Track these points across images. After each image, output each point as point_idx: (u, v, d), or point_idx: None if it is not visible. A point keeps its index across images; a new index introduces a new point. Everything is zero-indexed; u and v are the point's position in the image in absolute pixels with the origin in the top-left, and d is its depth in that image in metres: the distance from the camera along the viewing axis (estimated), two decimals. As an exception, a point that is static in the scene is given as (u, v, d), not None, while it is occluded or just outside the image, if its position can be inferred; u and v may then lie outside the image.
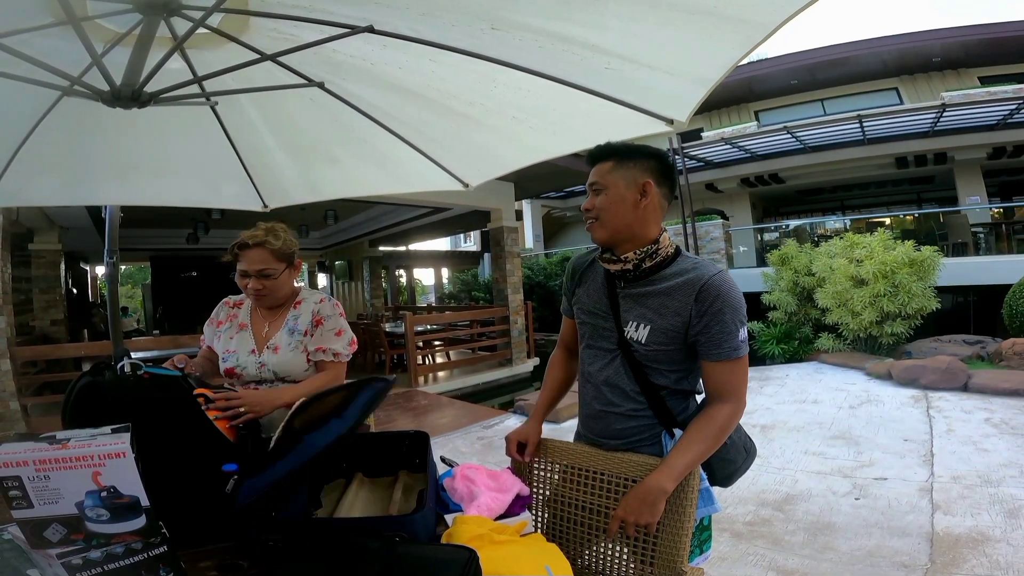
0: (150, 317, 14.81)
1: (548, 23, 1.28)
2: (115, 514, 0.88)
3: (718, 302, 1.26)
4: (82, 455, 0.85)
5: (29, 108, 1.78)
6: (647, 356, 1.34)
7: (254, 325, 1.86)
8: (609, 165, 1.39)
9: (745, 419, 1.41)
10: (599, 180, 1.39)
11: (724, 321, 1.26)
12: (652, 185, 1.36)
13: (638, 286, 1.37)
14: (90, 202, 2.61)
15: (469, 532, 1.06)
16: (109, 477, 0.86)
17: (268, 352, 1.78)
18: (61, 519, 0.87)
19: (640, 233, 1.36)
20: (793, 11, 1.05)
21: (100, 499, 0.87)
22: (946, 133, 11.99)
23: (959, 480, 3.59)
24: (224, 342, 1.84)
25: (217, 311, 1.94)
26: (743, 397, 1.32)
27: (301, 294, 1.91)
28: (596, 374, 1.44)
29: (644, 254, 1.35)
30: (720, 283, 1.27)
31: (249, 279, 1.77)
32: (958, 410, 5.30)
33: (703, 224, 13.49)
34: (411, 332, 7.93)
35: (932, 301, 7.84)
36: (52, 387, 6.32)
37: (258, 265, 1.77)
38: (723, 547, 2.85)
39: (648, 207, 1.36)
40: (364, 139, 2.10)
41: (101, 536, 0.89)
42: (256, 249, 1.77)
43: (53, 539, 0.88)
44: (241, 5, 1.40)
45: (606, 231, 1.38)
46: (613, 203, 1.36)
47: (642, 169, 1.37)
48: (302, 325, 1.82)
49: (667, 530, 1.26)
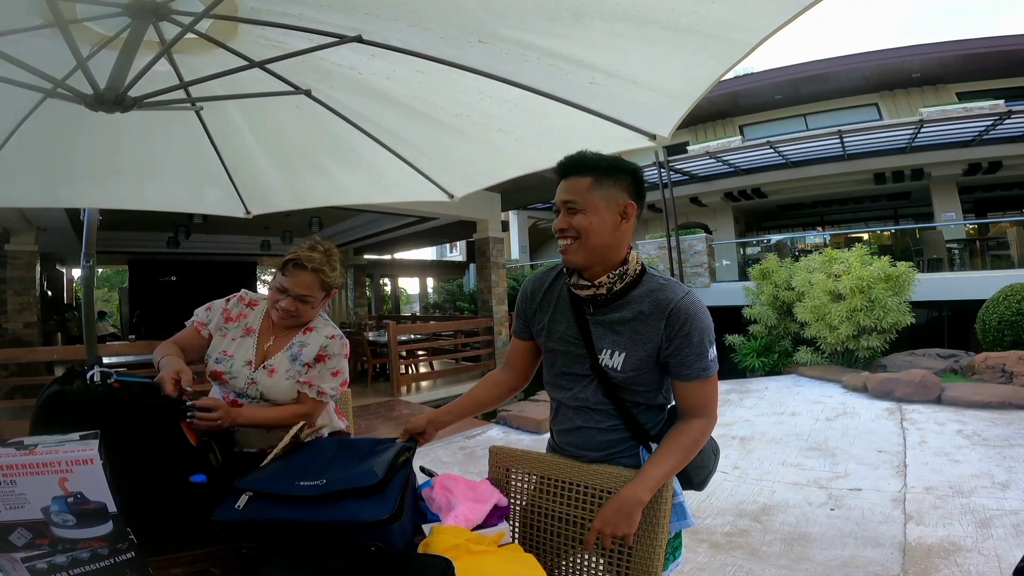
0: (126, 321, 14.52)
1: (535, 38, 1.30)
2: (81, 520, 0.88)
3: (687, 325, 1.26)
4: (49, 461, 0.85)
5: (11, 108, 1.76)
6: (624, 380, 1.33)
7: (260, 333, 1.76)
8: (588, 182, 1.28)
9: (724, 431, 1.44)
10: (577, 199, 1.28)
11: (694, 343, 1.26)
12: (633, 207, 1.30)
13: (608, 311, 1.34)
14: (70, 204, 2.57)
15: (446, 542, 1.06)
16: (76, 483, 0.86)
17: (263, 372, 1.69)
18: (27, 523, 0.87)
19: (613, 256, 1.32)
20: (770, 30, 1.09)
21: (67, 505, 0.87)
22: (923, 149, 12.27)
23: (931, 491, 3.66)
24: (225, 342, 1.73)
25: (234, 305, 1.79)
26: (714, 412, 1.35)
27: (315, 320, 1.80)
28: (574, 400, 1.43)
29: (615, 277, 1.31)
30: (689, 305, 1.27)
31: (285, 297, 1.67)
32: (931, 422, 5.40)
33: (687, 238, 13.64)
34: (394, 342, 7.89)
35: (907, 316, 8.01)
36: (23, 390, 6.16)
37: (302, 290, 1.67)
38: (701, 558, 2.87)
39: (626, 230, 1.31)
40: (350, 147, 2.11)
41: (67, 541, 0.89)
42: (309, 274, 1.66)
43: (18, 543, 0.88)
44: (230, 11, 1.40)
45: (583, 255, 1.30)
46: (594, 226, 1.27)
47: (622, 188, 1.29)
48: (306, 356, 1.73)
49: (641, 541, 1.27)
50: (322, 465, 1.22)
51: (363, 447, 1.34)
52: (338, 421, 1.92)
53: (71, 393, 1.20)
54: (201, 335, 1.73)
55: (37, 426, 1.18)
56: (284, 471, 1.19)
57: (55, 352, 6.69)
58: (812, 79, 14.87)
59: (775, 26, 1.07)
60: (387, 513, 1.04)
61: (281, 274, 1.69)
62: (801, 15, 1.02)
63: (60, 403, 1.20)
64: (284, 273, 1.68)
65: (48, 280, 11.60)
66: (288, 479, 1.14)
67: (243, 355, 1.71)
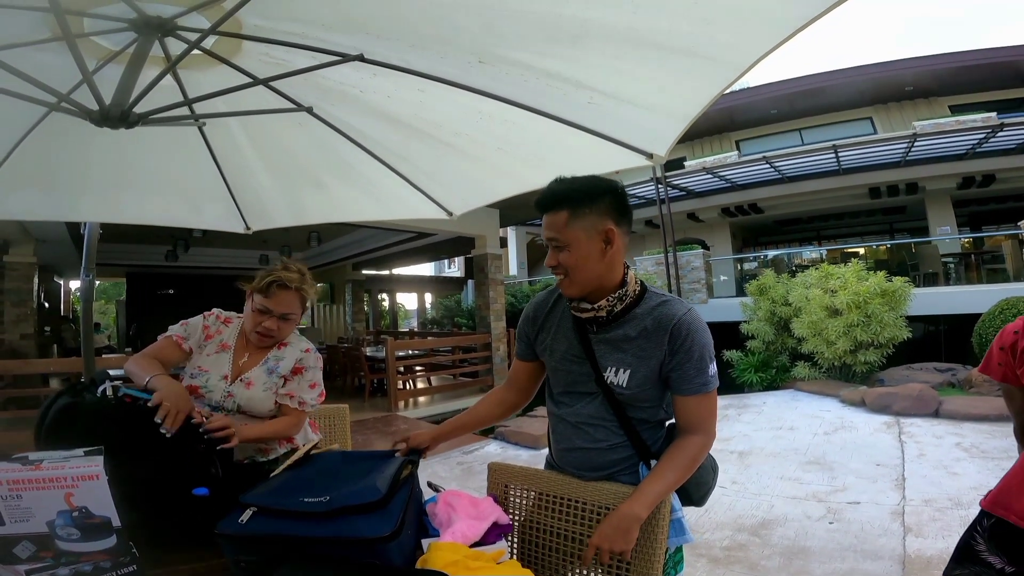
0: (123, 334, 14.47)
1: (534, 58, 1.33)
2: (85, 533, 0.89)
3: (688, 340, 1.27)
4: (55, 476, 0.86)
5: (15, 122, 1.77)
6: (630, 397, 1.34)
7: (236, 349, 1.80)
8: (564, 217, 1.27)
9: (723, 445, 1.46)
10: (559, 236, 1.28)
11: (695, 358, 1.28)
12: (615, 230, 1.29)
13: (611, 330, 1.35)
14: (71, 218, 2.58)
15: (444, 558, 1.06)
16: (81, 498, 0.87)
17: (240, 385, 1.72)
18: (31, 537, 0.88)
19: (609, 280, 1.33)
20: (764, 52, 1.11)
21: (71, 519, 0.88)
22: (917, 163, 12.35)
23: (930, 503, 3.66)
24: (201, 358, 1.76)
25: (212, 323, 1.83)
26: (713, 428, 1.35)
27: (288, 336, 1.85)
28: (576, 415, 1.43)
29: (615, 299, 1.32)
30: (691, 322, 1.29)
31: (268, 317, 1.72)
32: (929, 435, 5.40)
33: (684, 254, 13.68)
34: (392, 357, 7.88)
35: (903, 331, 8.04)
36: (17, 402, 6.13)
37: (285, 309, 1.73)
38: (700, 572, 2.86)
39: (615, 253, 1.31)
40: (350, 164, 2.13)
41: (70, 554, 0.90)
42: (292, 293, 1.73)
43: (22, 556, 0.88)
44: (235, 29, 1.42)
45: (577, 287, 1.32)
46: (579, 260, 1.28)
47: (600, 213, 1.28)
48: (282, 369, 1.77)
49: (640, 557, 1.28)
50: (327, 480, 1.22)
51: (366, 461, 1.35)
52: (312, 435, 1.96)
53: (85, 406, 1.21)
54: (182, 348, 1.74)
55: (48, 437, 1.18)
56: (289, 485, 1.20)
57: (51, 364, 6.67)
58: (807, 93, 15.02)
59: (768, 47, 1.09)
60: (390, 529, 1.04)
61: (263, 296, 1.72)
62: (794, 37, 1.05)
63: (73, 415, 1.20)
64: (267, 295, 1.71)
65: (45, 292, 11.58)
66: (293, 494, 1.14)
67: (218, 370, 1.74)
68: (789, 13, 1.00)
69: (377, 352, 8.85)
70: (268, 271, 1.74)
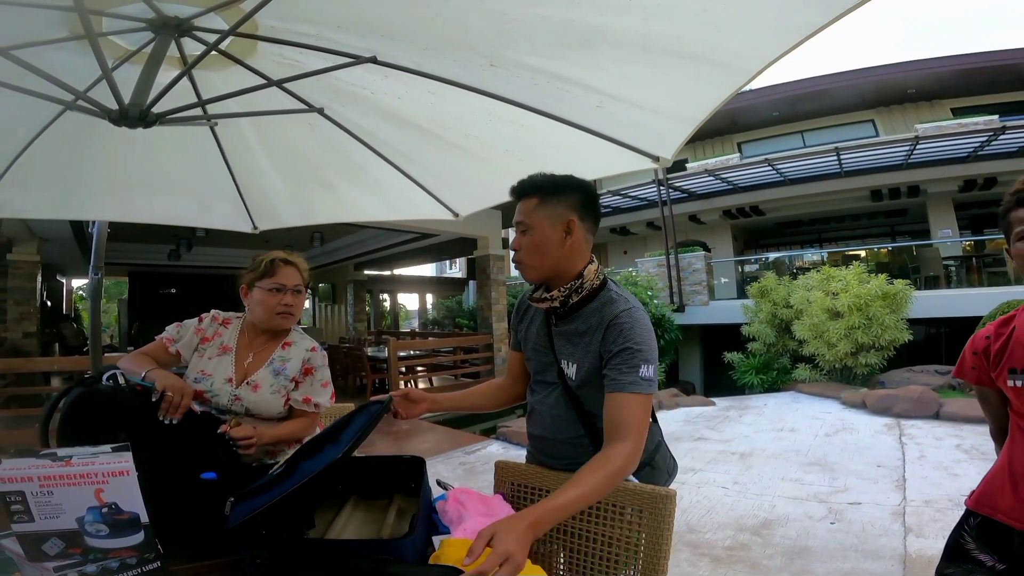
0: (124, 333, 14.47)
1: (545, 62, 1.35)
2: (114, 530, 0.90)
3: (621, 338, 1.27)
4: (86, 472, 0.86)
5: (28, 120, 1.79)
6: (580, 389, 1.39)
7: (238, 351, 1.78)
8: (534, 202, 1.36)
9: (724, 447, 1.46)
10: (524, 219, 1.37)
11: (624, 356, 1.26)
12: (576, 222, 1.35)
13: (567, 323, 1.40)
14: (80, 216, 2.60)
15: (455, 555, 1.07)
16: (111, 494, 0.88)
17: (247, 387, 1.72)
18: (60, 533, 0.88)
19: (566, 270, 1.38)
20: (772, 58, 1.13)
21: (101, 515, 0.89)
22: (919, 166, 12.35)
23: (931, 504, 3.68)
24: (203, 362, 1.75)
25: (208, 325, 1.82)
26: (641, 438, 1.25)
27: (291, 335, 1.84)
28: (542, 404, 1.50)
29: (569, 290, 1.36)
30: (626, 320, 1.29)
31: (283, 294, 1.75)
32: (930, 437, 5.42)
33: (686, 256, 13.68)
34: (394, 358, 7.89)
35: (904, 333, 8.05)
36: (19, 400, 6.15)
37: (296, 280, 1.78)
38: (702, 572, 2.87)
39: (573, 244, 1.36)
40: (359, 165, 2.14)
41: (99, 551, 0.91)
42: (293, 267, 1.78)
43: (51, 552, 0.89)
44: (251, 30, 1.43)
45: (535, 272, 1.40)
46: (538, 243, 1.36)
47: (566, 206, 1.36)
48: (290, 371, 1.77)
49: (648, 553, 1.29)
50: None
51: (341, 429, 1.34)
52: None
53: (100, 394, 1.22)
54: (168, 351, 1.74)
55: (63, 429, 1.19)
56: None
57: (55, 363, 6.69)
58: (809, 96, 15.02)
59: (776, 54, 1.11)
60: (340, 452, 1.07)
61: (270, 277, 1.75)
62: (801, 44, 1.07)
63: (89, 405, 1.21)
64: (274, 274, 1.75)
65: (48, 290, 11.59)
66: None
67: (222, 373, 1.73)
68: (797, 21, 1.02)
69: (379, 352, 8.87)
70: (259, 258, 1.78)
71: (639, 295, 10.83)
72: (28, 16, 1.32)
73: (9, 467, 0.85)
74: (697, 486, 4.30)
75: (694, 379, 14.44)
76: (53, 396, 1.30)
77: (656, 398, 8.08)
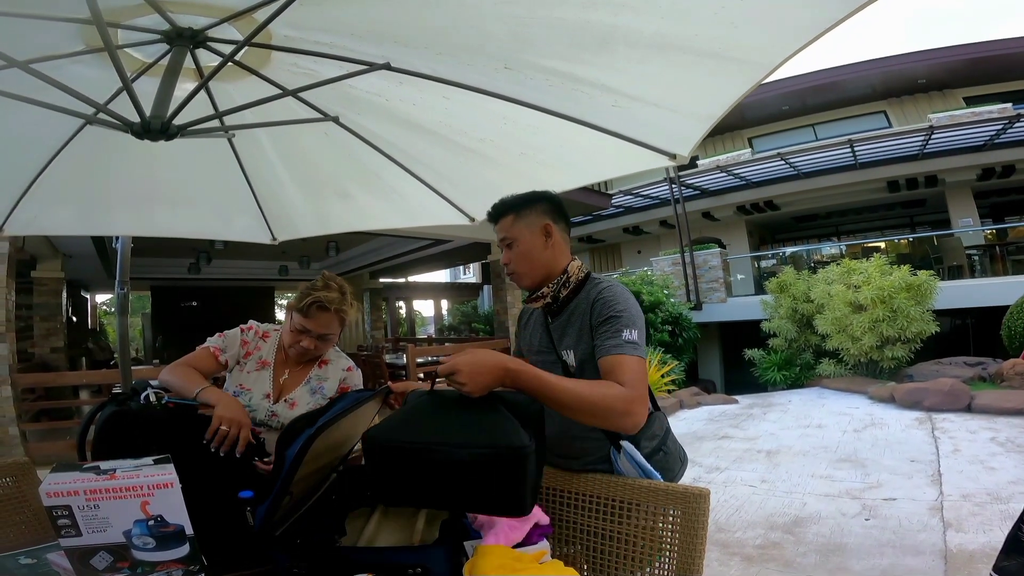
0: (149, 346, 14.74)
1: (560, 64, 1.34)
2: (160, 542, 0.90)
3: (604, 309, 1.36)
4: (132, 485, 0.86)
5: (48, 137, 1.80)
6: (581, 373, 1.43)
7: (275, 367, 1.78)
8: (511, 219, 1.52)
9: (749, 445, 1.44)
10: (507, 234, 1.52)
11: (609, 324, 1.33)
12: (552, 225, 1.50)
13: (560, 317, 1.51)
14: (104, 232, 2.63)
15: (492, 563, 1.06)
16: (157, 506, 0.88)
17: (284, 405, 1.72)
18: (108, 547, 0.88)
19: (553, 270, 1.50)
20: (788, 53, 1.12)
21: (147, 528, 0.88)
22: (935, 155, 12.16)
23: (969, 498, 3.60)
24: (242, 375, 1.75)
25: (252, 338, 1.80)
26: (639, 389, 1.24)
27: (328, 352, 1.83)
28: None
29: (558, 285, 1.48)
30: (607, 294, 1.39)
31: (305, 337, 1.70)
32: (963, 430, 5.31)
33: (701, 253, 13.57)
34: (413, 364, 7.92)
35: (931, 325, 7.89)
36: (49, 413, 6.27)
37: (324, 330, 1.71)
38: (734, 571, 2.83)
39: (555, 245, 1.51)
40: (375, 173, 2.15)
41: (146, 564, 0.91)
42: (331, 314, 1.70)
43: (99, 567, 0.89)
44: (265, 39, 1.43)
45: (528, 278, 1.52)
46: (525, 252, 1.50)
47: (539, 213, 1.51)
48: (328, 390, 1.77)
49: (682, 550, 1.27)
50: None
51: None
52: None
53: (132, 414, 1.23)
54: (219, 360, 1.72)
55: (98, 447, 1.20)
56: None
57: (84, 376, 6.80)
58: (819, 88, 14.85)
59: (793, 49, 1.10)
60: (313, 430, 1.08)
61: (302, 316, 1.69)
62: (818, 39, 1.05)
63: (121, 424, 1.22)
64: (306, 315, 1.68)
65: (73, 306, 11.83)
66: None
67: (260, 389, 1.73)
68: (813, 17, 1.01)
69: (397, 359, 8.91)
70: (309, 288, 1.71)
71: (655, 294, 10.75)
72: (45, 30, 1.32)
73: (55, 481, 0.85)
74: (724, 485, 4.25)
75: (714, 377, 14.30)
76: (88, 411, 1.31)
77: (676, 397, 8.04)
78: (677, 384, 9.00)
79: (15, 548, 1.22)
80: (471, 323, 15.97)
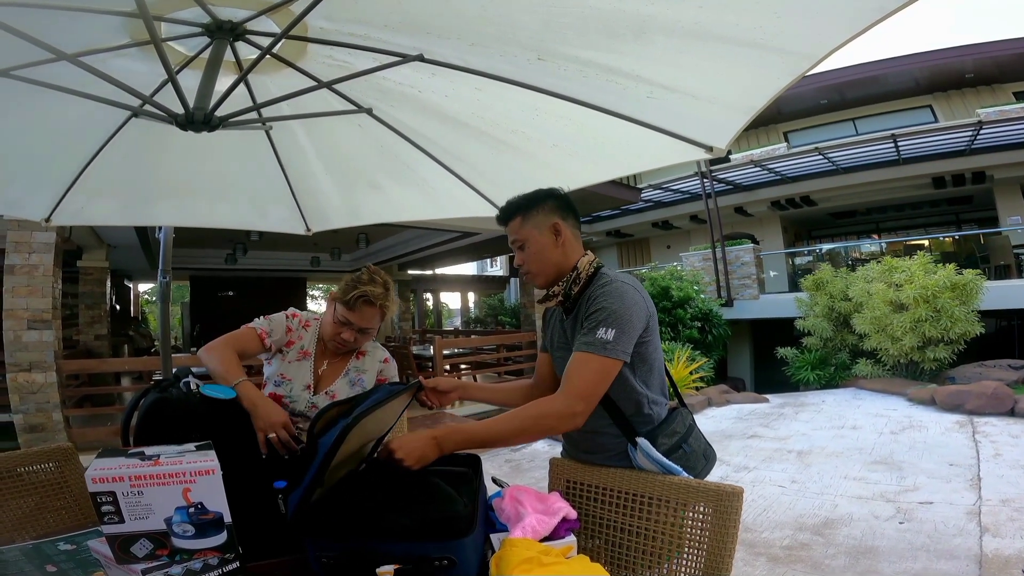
0: (187, 335, 15.20)
1: (595, 54, 1.32)
2: (200, 530, 0.90)
3: (592, 304, 1.37)
4: (175, 472, 0.86)
5: (94, 129, 1.86)
6: None
7: (316, 357, 1.80)
8: (518, 220, 1.53)
9: (780, 444, 1.42)
10: (517, 236, 1.53)
11: (589, 320, 1.34)
12: (561, 223, 1.50)
13: (574, 314, 1.50)
14: (147, 223, 2.72)
15: (519, 555, 1.06)
16: (198, 494, 0.88)
17: (324, 397, 1.74)
18: (149, 534, 0.88)
19: (564, 267, 1.50)
20: (836, 44, 1.07)
21: (187, 515, 0.89)
22: (984, 151, 11.65)
23: (1008, 503, 3.47)
24: (283, 365, 1.77)
25: (296, 326, 1.82)
26: (577, 393, 1.29)
27: (365, 344, 1.85)
28: None
29: (568, 282, 1.48)
30: (599, 291, 1.38)
31: (347, 329, 1.72)
32: (1005, 435, 5.12)
33: (733, 249, 13.30)
34: (440, 356, 7.99)
35: (976, 326, 7.60)
36: (92, 399, 6.51)
37: (367, 324, 1.73)
38: (760, 571, 2.79)
39: (565, 242, 1.50)
40: (407, 165, 2.16)
41: (185, 552, 0.91)
42: (375, 309, 1.72)
43: (139, 554, 0.89)
44: (301, 32, 1.45)
45: (542, 277, 1.52)
46: (536, 252, 1.51)
47: (546, 212, 1.51)
48: (367, 382, 1.80)
49: (712, 548, 1.26)
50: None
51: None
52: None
53: (173, 402, 1.26)
54: (264, 343, 1.74)
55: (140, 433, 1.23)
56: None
57: (126, 364, 7.05)
58: (859, 83, 14.35)
59: (841, 40, 1.05)
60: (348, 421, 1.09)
61: (346, 308, 1.71)
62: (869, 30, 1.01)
63: (163, 411, 1.25)
64: (351, 308, 1.70)
65: (116, 295, 12.26)
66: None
67: (301, 379, 1.76)
68: (863, 7, 0.96)
69: (424, 351, 9.00)
70: (355, 282, 1.73)
71: (684, 289, 10.60)
72: (91, 23, 1.36)
73: (101, 467, 0.85)
74: (752, 485, 4.18)
75: (744, 375, 14.04)
76: (132, 397, 1.35)
77: (705, 394, 7.93)
78: (706, 381, 8.88)
79: (55, 534, 1.25)
80: (497, 316, 16.02)
